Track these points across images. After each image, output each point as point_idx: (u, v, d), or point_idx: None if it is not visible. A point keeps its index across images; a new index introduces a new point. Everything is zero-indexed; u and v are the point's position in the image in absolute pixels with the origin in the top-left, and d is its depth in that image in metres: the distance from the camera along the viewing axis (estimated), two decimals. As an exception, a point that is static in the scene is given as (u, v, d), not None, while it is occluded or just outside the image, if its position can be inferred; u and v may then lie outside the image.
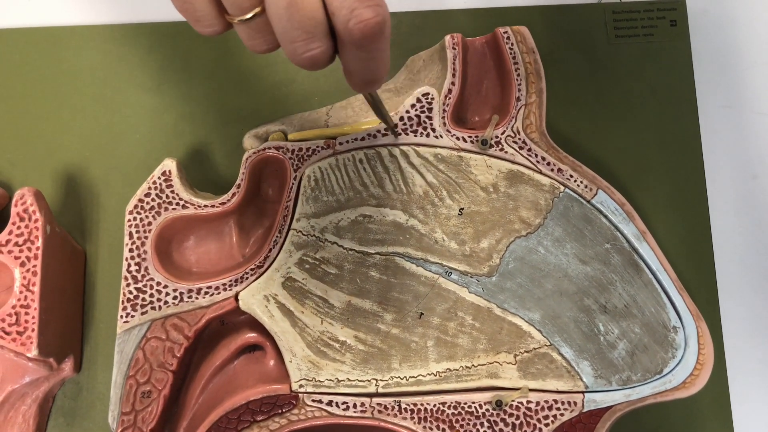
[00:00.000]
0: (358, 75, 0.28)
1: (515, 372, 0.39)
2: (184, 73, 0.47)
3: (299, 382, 0.38)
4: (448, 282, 0.39)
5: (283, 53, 0.30)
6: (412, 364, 0.39)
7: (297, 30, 0.25)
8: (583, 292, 0.39)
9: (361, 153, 0.40)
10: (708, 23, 0.50)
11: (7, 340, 0.37)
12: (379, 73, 0.28)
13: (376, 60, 0.27)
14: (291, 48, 0.26)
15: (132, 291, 0.39)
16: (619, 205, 0.40)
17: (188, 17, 0.27)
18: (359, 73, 0.28)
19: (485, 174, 0.40)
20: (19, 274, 0.37)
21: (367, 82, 0.28)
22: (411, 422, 0.38)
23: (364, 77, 0.28)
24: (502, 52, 0.41)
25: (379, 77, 0.28)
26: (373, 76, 0.28)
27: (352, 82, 0.29)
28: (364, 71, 0.28)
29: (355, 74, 0.28)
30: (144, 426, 0.37)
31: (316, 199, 0.40)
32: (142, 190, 0.40)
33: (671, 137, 0.47)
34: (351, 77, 0.28)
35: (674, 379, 0.39)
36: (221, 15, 0.27)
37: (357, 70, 0.28)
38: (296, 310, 0.39)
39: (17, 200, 0.38)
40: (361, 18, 0.25)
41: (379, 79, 0.28)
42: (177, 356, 0.38)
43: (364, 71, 0.28)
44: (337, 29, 0.26)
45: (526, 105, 0.41)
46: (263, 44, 0.27)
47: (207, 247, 0.41)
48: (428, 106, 0.41)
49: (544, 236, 0.40)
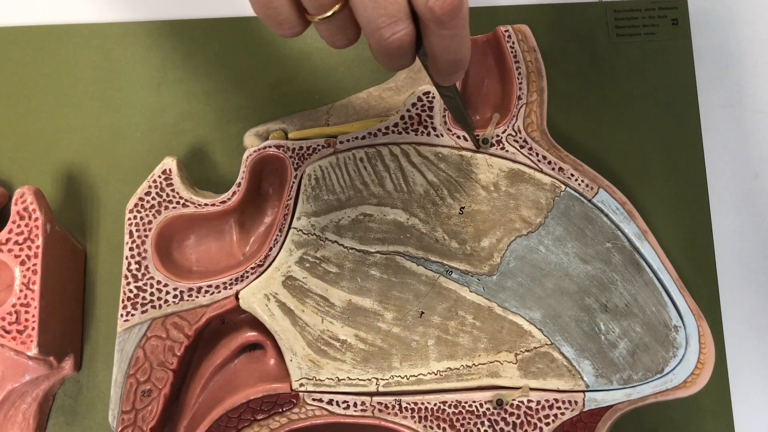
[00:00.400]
0: (443, 56, 0.28)
1: (516, 371, 0.38)
2: (184, 72, 0.47)
3: (300, 381, 0.38)
4: (448, 281, 0.39)
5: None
6: (412, 363, 0.39)
7: (382, 16, 0.26)
8: (584, 291, 0.39)
9: (362, 152, 0.40)
10: (709, 22, 0.50)
11: (7, 338, 0.37)
12: (462, 53, 0.29)
13: (458, 38, 0.28)
14: (378, 35, 0.27)
15: (132, 290, 0.39)
16: (620, 204, 0.40)
17: (270, 21, 0.28)
18: (443, 54, 0.28)
19: (486, 173, 0.40)
20: (19, 272, 0.37)
21: (453, 63, 0.29)
22: (411, 421, 0.38)
23: (449, 58, 0.28)
24: (503, 50, 0.41)
25: (463, 57, 0.29)
26: (457, 55, 0.28)
27: (438, 68, 0.29)
28: (447, 51, 0.28)
29: (440, 56, 0.28)
30: (144, 425, 0.37)
31: (317, 197, 0.40)
32: (143, 188, 0.40)
33: (672, 136, 0.47)
34: (436, 61, 0.29)
35: (675, 379, 0.38)
36: (302, 16, 0.28)
37: (441, 51, 0.28)
38: (297, 309, 0.39)
39: (17, 199, 0.38)
40: None
41: (464, 59, 0.29)
42: (177, 355, 0.38)
43: (447, 51, 0.28)
44: (418, 10, 0.27)
45: (527, 104, 0.41)
46: (344, 39, 0.28)
47: (207, 246, 0.41)
48: (429, 105, 0.41)
49: (545, 235, 0.40)
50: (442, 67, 0.29)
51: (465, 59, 0.29)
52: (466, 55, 0.29)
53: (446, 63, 0.29)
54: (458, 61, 0.29)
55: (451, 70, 0.29)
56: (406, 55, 0.28)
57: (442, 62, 0.29)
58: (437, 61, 0.29)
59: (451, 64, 0.29)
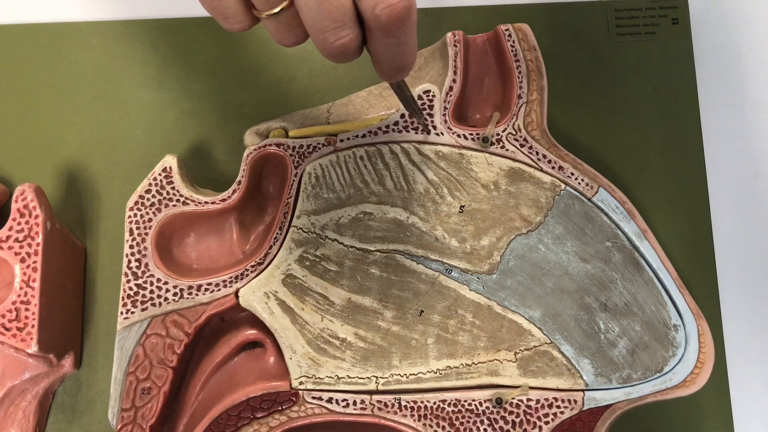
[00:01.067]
0: (387, 62, 0.28)
1: (515, 370, 0.38)
2: (185, 70, 0.47)
3: (299, 379, 0.38)
4: (448, 279, 0.39)
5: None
6: (412, 362, 0.39)
7: (327, 20, 0.26)
8: (583, 290, 0.39)
9: (362, 150, 0.40)
10: (710, 21, 0.50)
11: (7, 336, 0.37)
12: (407, 59, 0.28)
13: (403, 45, 0.27)
14: (321, 38, 0.27)
15: (132, 287, 0.39)
16: (620, 203, 0.40)
17: (216, 15, 0.27)
18: (388, 61, 0.28)
19: (486, 171, 0.40)
20: (20, 270, 0.37)
21: (397, 69, 0.29)
22: (411, 420, 0.38)
23: (393, 64, 0.28)
24: (504, 49, 0.41)
25: (407, 63, 0.29)
26: (402, 62, 0.28)
27: (382, 71, 0.29)
28: (392, 58, 0.28)
29: (384, 62, 0.28)
30: (144, 422, 0.37)
31: (317, 196, 0.40)
32: (143, 186, 0.40)
33: (673, 135, 0.47)
34: (380, 65, 0.29)
35: (675, 378, 0.38)
36: (249, 11, 0.27)
37: (385, 57, 0.28)
38: (296, 307, 0.39)
39: (18, 196, 0.38)
40: (388, 3, 0.25)
41: (408, 65, 0.29)
42: (177, 353, 0.38)
43: (392, 58, 0.28)
44: (364, 16, 0.26)
45: (527, 102, 0.41)
46: (291, 37, 0.28)
47: (207, 244, 0.41)
48: (429, 104, 0.41)
49: (544, 234, 0.40)
50: (385, 70, 0.29)
51: (409, 65, 0.29)
52: (410, 60, 0.29)
53: (390, 68, 0.29)
54: (403, 67, 0.29)
55: (394, 75, 0.29)
56: (350, 57, 0.28)
57: (386, 67, 0.29)
58: (381, 66, 0.29)
59: (395, 70, 0.29)
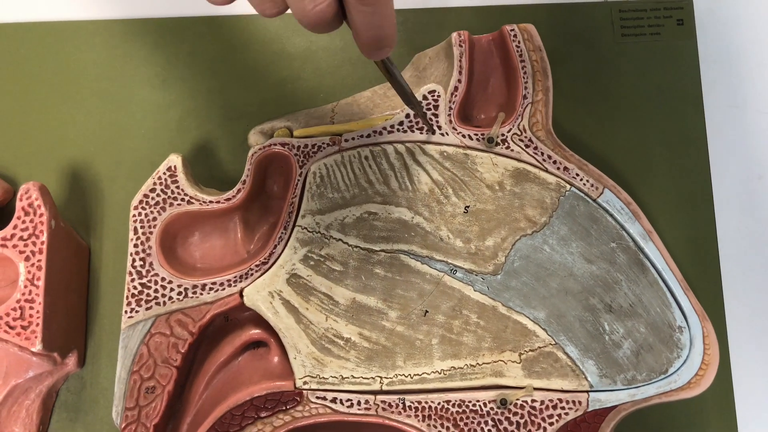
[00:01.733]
0: (365, 32, 0.28)
1: (520, 371, 0.38)
2: (189, 69, 0.47)
3: (303, 378, 0.38)
4: (453, 280, 0.39)
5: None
6: (416, 362, 0.38)
7: None
8: (588, 291, 0.39)
9: (367, 150, 0.40)
10: (715, 22, 0.50)
11: (12, 334, 0.37)
12: (385, 30, 0.28)
13: (379, 14, 0.27)
14: (300, 5, 0.27)
15: (136, 286, 0.39)
16: (625, 204, 0.40)
17: None
18: (365, 30, 0.28)
19: (491, 172, 0.40)
20: (24, 268, 0.37)
21: (375, 40, 0.28)
22: (415, 420, 0.38)
23: (371, 34, 0.28)
24: (509, 49, 0.41)
25: (386, 35, 0.28)
26: (380, 31, 0.28)
27: (362, 43, 0.29)
28: (369, 27, 0.28)
29: (362, 32, 0.28)
30: (148, 421, 0.37)
31: (322, 195, 0.40)
32: (147, 185, 0.40)
33: (677, 137, 0.47)
34: (359, 36, 0.28)
35: (679, 379, 0.38)
36: None
37: (363, 27, 0.28)
38: (301, 307, 0.39)
39: (22, 194, 0.38)
40: None
41: (387, 37, 0.28)
42: (181, 352, 0.38)
43: (369, 27, 0.28)
44: None
45: (532, 103, 0.41)
46: (273, 7, 0.28)
47: (212, 243, 0.41)
48: (434, 104, 0.40)
49: (549, 235, 0.40)
50: (365, 41, 0.29)
51: (389, 36, 0.28)
52: (389, 31, 0.28)
53: (369, 39, 0.28)
54: (382, 37, 0.28)
55: (375, 46, 0.29)
56: (329, 26, 0.28)
57: (365, 38, 0.28)
58: (359, 36, 0.28)
59: (375, 40, 0.28)
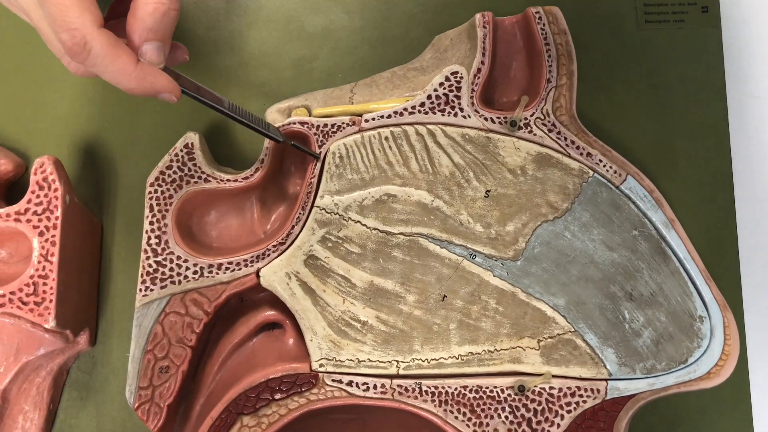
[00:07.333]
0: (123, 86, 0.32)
1: (538, 357, 0.38)
2: (206, 47, 0.46)
3: (320, 361, 0.38)
4: (472, 265, 0.39)
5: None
6: (433, 347, 0.38)
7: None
8: (609, 278, 0.39)
9: (387, 131, 0.40)
10: (740, 11, 0.49)
11: (25, 310, 0.36)
12: (122, 85, 0.31)
13: (103, 74, 0.31)
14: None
15: (152, 264, 0.38)
16: (648, 192, 0.40)
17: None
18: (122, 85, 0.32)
19: (513, 156, 0.40)
20: (38, 243, 0.37)
21: (130, 91, 0.32)
22: (432, 405, 0.37)
23: (126, 88, 0.32)
24: (534, 32, 0.41)
25: (126, 89, 0.32)
26: (126, 87, 0.32)
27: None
28: (111, 81, 0.32)
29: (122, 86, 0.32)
30: (161, 401, 0.37)
31: (341, 176, 0.39)
32: (164, 162, 0.39)
33: (699, 126, 0.47)
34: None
35: (699, 369, 0.38)
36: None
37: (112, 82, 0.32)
38: (318, 289, 0.38)
39: (37, 168, 0.38)
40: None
41: (130, 90, 0.32)
42: (196, 332, 0.38)
43: (111, 81, 0.32)
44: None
45: (556, 87, 0.40)
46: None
47: (228, 223, 0.41)
48: (457, 85, 0.40)
49: (571, 221, 0.39)
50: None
51: (131, 90, 0.32)
52: (127, 85, 0.31)
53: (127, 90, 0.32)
54: (128, 90, 0.32)
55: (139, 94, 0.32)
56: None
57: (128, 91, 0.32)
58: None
59: (130, 91, 0.32)
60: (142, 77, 0.31)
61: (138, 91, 0.32)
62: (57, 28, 0.30)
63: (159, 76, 0.32)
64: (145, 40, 0.31)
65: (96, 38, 0.30)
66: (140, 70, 0.31)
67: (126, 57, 0.31)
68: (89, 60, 0.30)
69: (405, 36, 0.47)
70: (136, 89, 0.32)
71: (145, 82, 0.31)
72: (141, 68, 0.31)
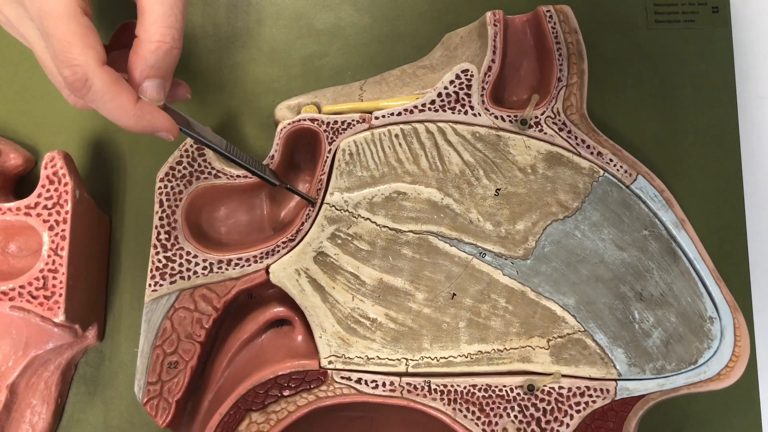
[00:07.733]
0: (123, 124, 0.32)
1: (548, 357, 0.38)
2: (215, 43, 0.46)
3: (329, 358, 0.37)
4: (481, 263, 0.39)
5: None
6: (443, 345, 0.38)
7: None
8: (619, 278, 0.39)
9: (398, 128, 0.39)
10: (750, 11, 0.49)
11: (34, 304, 0.36)
12: (120, 122, 0.32)
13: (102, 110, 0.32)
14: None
15: (161, 260, 0.38)
16: (659, 192, 0.39)
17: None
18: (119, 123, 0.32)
19: (523, 154, 0.39)
20: (48, 237, 0.37)
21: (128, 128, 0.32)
22: (441, 403, 0.37)
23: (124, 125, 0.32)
24: (544, 31, 0.40)
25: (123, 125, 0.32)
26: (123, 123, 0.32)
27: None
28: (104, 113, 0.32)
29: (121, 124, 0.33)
30: (170, 397, 0.37)
31: (351, 173, 0.39)
32: (174, 157, 0.39)
33: (709, 126, 0.46)
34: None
35: (709, 370, 0.38)
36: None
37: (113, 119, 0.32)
38: (327, 286, 0.38)
39: (47, 162, 0.38)
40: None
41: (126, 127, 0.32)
42: (205, 327, 0.38)
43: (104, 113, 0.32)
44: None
45: (567, 86, 0.40)
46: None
47: (237, 219, 0.41)
48: (467, 83, 0.40)
49: (581, 220, 0.39)
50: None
51: (119, 124, 0.32)
52: (123, 123, 0.32)
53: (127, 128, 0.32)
54: (126, 127, 0.32)
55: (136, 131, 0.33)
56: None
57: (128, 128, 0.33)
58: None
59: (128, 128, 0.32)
60: (140, 116, 0.31)
61: (136, 129, 0.32)
62: (59, 63, 0.30)
63: (157, 116, 0.32)
64: (146, 77, 0.31)
65: (97, 75, 0.30)
66: (139, 108, 0.31)
67: (126, 95, 0.31)
68: (89, 96, 0.30)
69: (415, 33, 0.47)
70: (134, 127, 0.32)
71: (143, 120, 0.32)
72: (140, 107, 0.31)
